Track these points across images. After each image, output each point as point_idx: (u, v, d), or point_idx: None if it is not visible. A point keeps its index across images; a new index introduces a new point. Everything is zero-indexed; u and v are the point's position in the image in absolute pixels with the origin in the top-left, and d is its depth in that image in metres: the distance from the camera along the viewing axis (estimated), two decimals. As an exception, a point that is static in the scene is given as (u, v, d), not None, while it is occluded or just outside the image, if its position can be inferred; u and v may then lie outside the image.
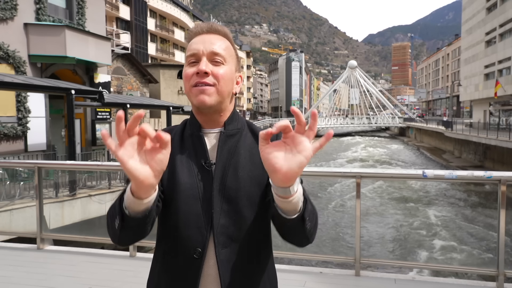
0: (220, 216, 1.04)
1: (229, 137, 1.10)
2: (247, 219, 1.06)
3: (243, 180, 1.05)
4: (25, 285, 3.14)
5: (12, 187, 8.15)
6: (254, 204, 1.06)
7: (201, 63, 1.04)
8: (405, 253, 10.34)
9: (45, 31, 12.15)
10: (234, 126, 1.12)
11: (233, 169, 1.06)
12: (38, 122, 12.08)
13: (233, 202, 1.04)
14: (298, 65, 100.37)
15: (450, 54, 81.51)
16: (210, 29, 1.10)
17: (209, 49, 1.05)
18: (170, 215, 1.06)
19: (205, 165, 1.06)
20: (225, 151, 1.08)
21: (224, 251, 1.03)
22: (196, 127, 1.11)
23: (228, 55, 1.08)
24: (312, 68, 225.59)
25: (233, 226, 1.04)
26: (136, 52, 31.99)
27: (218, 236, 1.03)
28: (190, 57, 1.06)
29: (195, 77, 1.04)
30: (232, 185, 1.05)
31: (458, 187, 18.51)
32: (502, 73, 37.49)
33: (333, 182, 19.09)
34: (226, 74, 1.06)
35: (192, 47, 1.07)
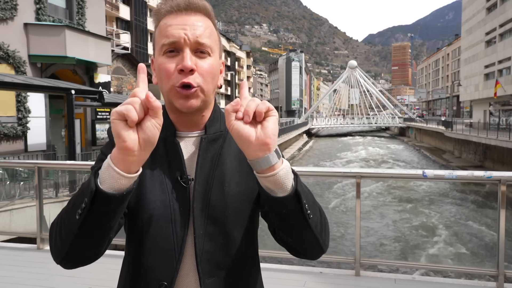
0: (204, 240, 0.86)
1: (211, 142, 0.91)
2: (236, 242, 0.89)
3: (230, 196, 0.88)
4: (25, 285, 3.14)
5: (12, 187, 8.15)
6: (243, 223, 0.90)
7: (185, 57, 0.83)
8: (405, 253, 10.34)
9: (45, 31, 12.15)
10: (216, 128, 0.93)
11: (218, 183, 0.88)
12: (38, 122, 12.08)
13: (219, 223, 0.87)
14: (298, 65, 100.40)
15: (450, 54, 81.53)
16: (190, 6, 0.87)
17: (193, 38, 0.84)
18: (134, 237, 0.89)
19: (180, 180, 0.88)
20: (207, 160, 0.90)
21: (211, 282, 0.87)
22: (170, 131, 0.91)
23: (213, 41, 0.89)
24: (312, 68, 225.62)
25: (219, 251, 0.88)
26: (136, 52, 31.98)
27: (203, 265, 0.86)
28: (166, 44, 0.85)
29: (178, 74, 0.84)
30: (218, 203, 0.87)
31: (458, 187, 18.51)
32: (502, 73, 37.49)
33: (333, 182, 19.08)
34: (213, 68, 0.88)
35: (169, 31, 0.85)
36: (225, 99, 67.13)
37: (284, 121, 55.87)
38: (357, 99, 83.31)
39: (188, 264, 0.87)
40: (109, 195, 0.70)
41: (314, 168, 3.61)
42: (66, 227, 0.76)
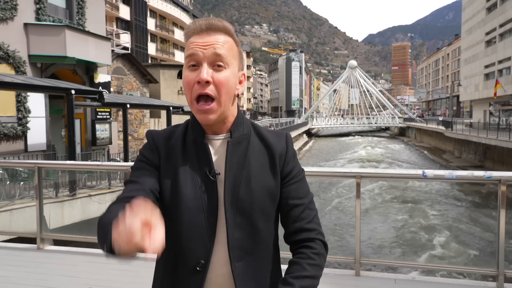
0: (234, 229, 1.01)
1: (236, 145, 1.05)
2: (261, 232, 1.04)
3: (256, 192, 1.03)
4: (25, 285, 3.14)
5: (12, 187, 8.15)
6: (267, 216, 1.05)
7: (202, 70, 0.97)
8: (405, 253, 10.34)
9: (45, 31, 12.14)
10: (240, 132, 1.07)
11: (245, 181, 1.03)
12: (38, 122, 12.08)
13: (247, 215, 1.02)
14: (298, 65, 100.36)
15: (450, 54, 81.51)
16: (210, 27, 1.00)
17: (210, 52, 0.98)
18: (172, 226, 1.02)
19: (209, 174, 1.02)
20: (234, 161, 1.04)
21: (239, 265, 1.01)
22: (199, 133, 1.05)
23: (230, 55, 1.01)
24: (312, 68, 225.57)
25: (247, 239, 1.02)
26: (136, 52, 31.98)
27: (233, 250, 1.00)
28: (190, 58, 1.00)
29: (197, 86, 0.98)
30: (246, 198, 1.02)
31: (458, 187, 18.51)
32: (502, 73, 37.49)
33: (333, 182, 19.08)
34: (229, 80, 1.00)
35: (191, 48, 0.99)
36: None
37: (284, 121, 55.88)
38: (357, 99, 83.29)
39: (221, 250, 1.01)
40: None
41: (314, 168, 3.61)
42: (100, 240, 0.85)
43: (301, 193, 1.08)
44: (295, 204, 1.07)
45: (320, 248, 1.06)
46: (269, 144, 1.09)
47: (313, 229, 1.07)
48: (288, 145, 1.12)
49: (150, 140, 1.08)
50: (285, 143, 1.11)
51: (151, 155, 1.06)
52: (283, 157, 1.09)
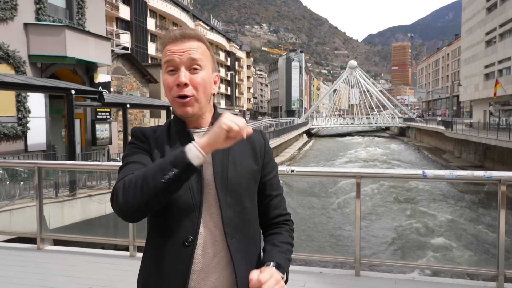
0: (226, 208, 1.11)
1: None
2: (248, 210, 1.16)
3: (241, 174, 1.15)
4: (25, 285, 3.14)
5: (12, 187, 8.15)
6: (252, 196, 1.18)
7: (180, 74, 1.10)
8: (405, 253, 10.34)
9: (45, 31, 12.14)
10: None
11: (232, 164, 1.14)
12: (38, 122, 12.08)
13: (235, 194, 1.13)
14: (298, 65, 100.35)
15: (450, 54, 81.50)
16: (184, 35, 1.13)
17: (186, 57, 1.10)
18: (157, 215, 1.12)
19: None
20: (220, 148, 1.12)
21: (233, 241, 1.11)
22: (182, 126, 1.17)
23: (205, 59, 1.14)
24: (312, 68, 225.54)
25: (237, 217, 1.13)
26: (136, 52, 31.98)
27: (227, 227, 1.11)
28: (168, 64, 1.12)
29: (176, 88, 1.11)
30: (234, 179, 1.13)
31: (458, 187, 18.51)
32: (502, 73, 37.48)
33: (333, 182, 19.08)
34: (204, 80, 1.13)
35: (168, 55, 1.11)
36: (225, 99, 67.05)
37: (284, 121, 55.87)
38: (357, 99, 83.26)
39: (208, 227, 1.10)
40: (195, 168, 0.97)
41: (314, 168, 3.61)
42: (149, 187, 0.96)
43: (278, 185, 1.27)
44: (276, 194, 1.25)
45: (292, 226, 1.28)
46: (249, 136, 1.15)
47: (287, 213, 1.27)
48: (265, 138, 1.27)
49: (138, 133, 1.18)
50: (262, 137, 1.26)
51: (141, 144, 1.16)
52: (263, 148, 1.23)
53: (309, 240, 10.90)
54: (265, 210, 1.25)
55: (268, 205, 1.24)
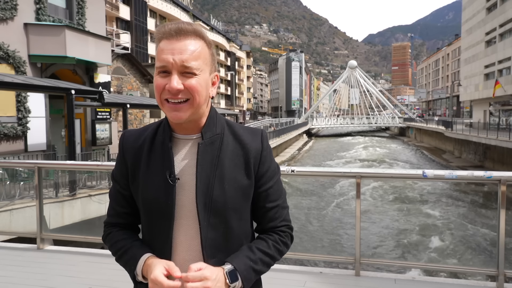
0: (208, 229, 1.03)
1: (208, 145, 1.05)
2: (234, 230, 1.07)
3: (229, 192, 1.04)
4: (25, 285, 3.14)
5: (12, 187, 8.15)
6: (240, 214, 1.08)
7: (172, 80, 0.97)
8: (405, 253, 10.34)
9: (45, 31, 12.14)
10: (212, 132, 1.07)
11: (219, 181, 1.04)
12: (38, 122, 12.08)
13: (220, 215, 1.04)
14: (298, 65, 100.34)
15: (450, 54, 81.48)
16: (179, 31, 0.99)
17: (179, 62, 0.97)
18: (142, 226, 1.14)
19: (169, 179, 1.03)
20: (207, 161, 1.04)
21: (212, 262, 1.03)
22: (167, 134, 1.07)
23: (202, 61, 1.01)
24: (312, 68, 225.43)
25: (220, 238, 1.05)
26: (136, 52, 31.97)
27: (207, 249, 1.04)
28: (159, 68, 1.00)
29: (167, 92, 0.99)
30: (219, 198, 1.03)
31: (458, 187, 18.50)
32: (502, 73, 37.48)
33: (333, 182, 19.08)
34: (200, 85, 1.00)
35: (161, 56, 0.99)
36: (225, 99, 67.05)
37: (284, 121, 55.86)
38: (357, 99, 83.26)
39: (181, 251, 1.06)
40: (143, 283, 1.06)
41: (314, 168, 3.61)
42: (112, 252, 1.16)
43: (277, 195, 1.13)
44: (271, 206, 1.12)
45: (287, 239, 1.14)
46: (243, 143, 1.09)
47: (285, 225, 1.14)
48: (264, 143, 1.11)
49: (120, 145, 1.14)
50: (260, 142, 1.11)
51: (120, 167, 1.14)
52: (258, 157, 1.09)
53: (309, 240, 10.90)
54: (259, 221, 1.15)
55: (262, 217, 1.13)
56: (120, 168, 1.14)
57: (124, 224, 1.17)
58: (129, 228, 1.18)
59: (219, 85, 1.62)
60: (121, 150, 1.13)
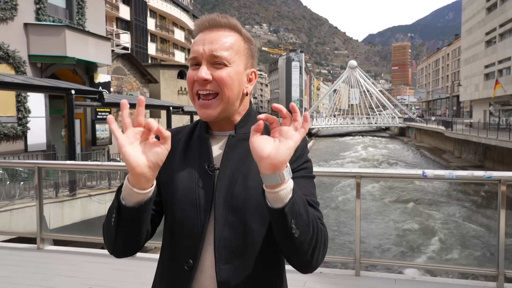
0: (224, 227, 0.93)
1: (240, 141, 1.00)
2: (255, 233, 0.94)
3: (252, 190, 0.94)
4: (25, 285, 3.14)
5: (12, 187, 8.15)
6: (263, 216, 0.93)
7: (201, 69, 0.94)
8: (405, 253, 10.34)
9: (45, 31, 12.14)
10: (247, 129, 1.01)
11: (243, 177, 0.95)
12: (38, 122, 12.08)
13: (239, 212, 0.93)
14: (298, 65, 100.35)
15: (450, 54, 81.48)
16: (213, 24, 0.97)
17: (208, 52, 0.94)
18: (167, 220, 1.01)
19: (208, 169, 0.97)
20: (234, 156, 0.98)
21: (226, 268, 0.92)
22: (204, 129, 1.03)
23: (233, 52, 0.96)
24: (312, 68, 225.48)
25: (237, 239, 0.93)
26: (136, 52, 31.97)
27: (220, 250, 0.92)
28: (190, 59, 0.98)
29: (196, 84, 0.96)
30: (240, 195, 0.94)
31: (458, 187, 18.50)
32: (502, 73, 37.49)
33: (333, 182, 19.08)
34: (231, 77, 0.95)
35: (193, 48, 0.98)
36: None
37: (284, 121, 55.78)
38: (357, 99, 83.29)
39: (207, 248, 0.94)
40: (130, 208, 0.85)
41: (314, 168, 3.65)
42: (108, 230, 0.92)
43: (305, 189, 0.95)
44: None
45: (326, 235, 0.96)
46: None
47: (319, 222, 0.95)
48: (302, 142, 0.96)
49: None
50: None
51: None
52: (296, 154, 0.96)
53: (309, 240, 10.87)
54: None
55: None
56: None
57: None
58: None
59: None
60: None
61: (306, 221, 0.84)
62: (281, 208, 0.80)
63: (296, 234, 0.82)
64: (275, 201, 0.81)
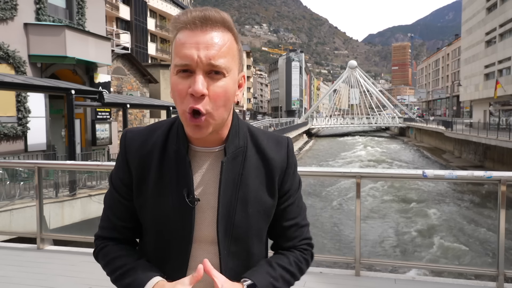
0: (228, 259, 0.91)
1: (231, 162, 0.90)
2: (255, 256, 0.96)
3: (252, 217, 0.91)
4: (25, 285, 3.14)
5: (12, 187, 8.15)
6: (261, 238, 0.97)
7: (197, 81, 0.79)
8: (405, 253, 10.34)
9: (45, 31, 12.14)
10: (235, 145, 0.92)
11: (242, 205, 0.90)
12: (38, 122, 12.08)
13: (242, 242, 0.92)
14: (298, 65, 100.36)
15: (450, 54, 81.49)
16: (206, 21, 0.81)
17: (206, 60, 0.80)
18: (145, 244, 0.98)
19: (187, 199, 0.88)
20: (229, 182, 0.90)
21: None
22: (184, 145, 0.89)
23: (231, 59, 0.84)
24: (312, 68, 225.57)
25: (240, 267, 0.93)
26: (136, 52, 31.97)
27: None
28: (180, 66, 0.81)
29: (189, 98, 0.80)
30: (242, 224, 0.90)
31: (458, 187, 18.50)
32: (502, 73, 37.49)
33: (333, 182, 19.08)
34: (228, 90, 0.83)
35: (182, 51, 0.80)
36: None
37: (284, 121, 55.87)
38: (357, 99, 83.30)
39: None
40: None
41: (314, 168, 3.59)
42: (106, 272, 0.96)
43: (296, 212, 1.01)
44: (290, 225, 1.00)
45: (309, 257, 1.05)
46: (267, 157, 0.95)
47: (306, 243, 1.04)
48: (289, 157, 0.98)
49: (122, 148, 0.95)
50: (286, 155, 0.97)
51: (121, 173, 0.95)
52: (283, 173, 0.96)
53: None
54: (276, 239, 1.03)
55: (280, 236, 1.01)
56: (122, 175, 0.95)
57: (121, 239, 0.98)
58: (126, 243, 0.99)
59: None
60: (123, 153, 0.94)
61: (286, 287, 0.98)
62: None
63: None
64: None
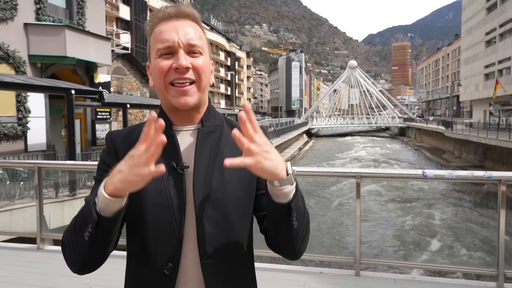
0: (205, 223, 0.92)
1: (208, 134, 0.98)
2: (234, 225, 0.95)
3: (230, 183, 0.95)
4: (25, 285, 3.14)
5: (12, 187, 8.15)
6: (242, 211, 0.97)
7: (180, 57, 0.91)
8: (405, 253, 10.34)
9: (45, 31, 12.14)
10: (212, 122, 1.01)
11: (218, 171, 0.94)
12: (38, 122, 12.08)
13: (220, 206, 0.93)
14: (298, 65, 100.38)
15: (450, 54, 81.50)
16: (180, 14, 0.95)
17: (185, 41, 0.92)
18: (136, 226, 0.95)
19: (177, 167, 0.93)
20: (206, 150, 0.96)
21: (211, 263, 0.93)
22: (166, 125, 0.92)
23: (204, 43, 0.97)
24: (312, 68, 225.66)
25: (219, 233, 0.93)
26: (136, 52, 31.95)
27: (203, 246, 0.92)
28: (163, 49, 0.92)
29: (173, 72, 0.92)
30: (219, 188, 0.93)
31: (458, 187, 18.50)
32: (502, 73, 37.49)
33: (333, 182, 19.08)
34: (206, 65, 0.96)
35: (163, 36, 0.93)
36: (225, 99, 67.04)
37: (284, 121, 55.87)
38: (357, 99, 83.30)
39: (189, 246, 0.93)
40: (109, 218, 0.82)
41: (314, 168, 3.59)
42: (77, 246, 0.88)
43: None
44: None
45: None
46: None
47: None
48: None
49: (109, 142, 1.01)
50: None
51: (108, 159, 0.98)
52: None
53: (309, 240, 10.88)
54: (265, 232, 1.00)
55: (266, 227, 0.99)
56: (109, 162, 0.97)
57: None
58: None
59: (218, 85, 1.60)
60: (111, 149, 0.99)
61: (303, 213, 0.92)
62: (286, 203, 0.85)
63: (295, 225, 0.89)
64: (280, 197, 0.85)
